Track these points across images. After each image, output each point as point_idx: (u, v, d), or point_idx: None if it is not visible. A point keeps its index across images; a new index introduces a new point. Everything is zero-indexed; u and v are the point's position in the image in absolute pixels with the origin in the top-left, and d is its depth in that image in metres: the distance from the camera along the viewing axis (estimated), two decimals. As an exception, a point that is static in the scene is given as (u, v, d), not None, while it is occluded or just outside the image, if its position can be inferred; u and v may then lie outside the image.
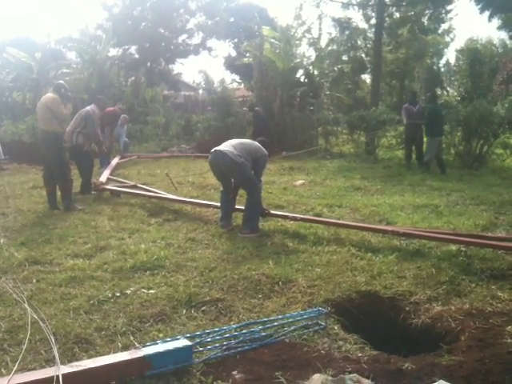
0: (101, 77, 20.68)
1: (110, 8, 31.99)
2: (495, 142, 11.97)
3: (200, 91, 34.92)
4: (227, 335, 3.14)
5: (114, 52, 28.07)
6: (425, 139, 11.58)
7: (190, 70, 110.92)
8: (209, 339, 3.07)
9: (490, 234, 5.44)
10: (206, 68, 66.83)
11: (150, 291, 3.95)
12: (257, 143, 6.17)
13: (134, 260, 4.67)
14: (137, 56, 32.82)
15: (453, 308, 3.63)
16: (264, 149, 6.07)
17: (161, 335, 3.21)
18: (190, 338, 2.99)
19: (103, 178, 8.91)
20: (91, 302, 3.74)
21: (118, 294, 3.89)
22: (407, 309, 3.77)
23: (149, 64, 31.61)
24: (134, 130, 17.86)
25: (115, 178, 9.50)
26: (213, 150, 5.97)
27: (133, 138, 16.94)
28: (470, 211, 6.78)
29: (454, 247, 4.99)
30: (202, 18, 35.27)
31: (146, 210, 7.13)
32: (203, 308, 3.66)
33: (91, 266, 4.58)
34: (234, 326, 3.32)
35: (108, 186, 8.40)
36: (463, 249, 4.90)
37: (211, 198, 7.75)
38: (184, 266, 4.56)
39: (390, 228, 5.52)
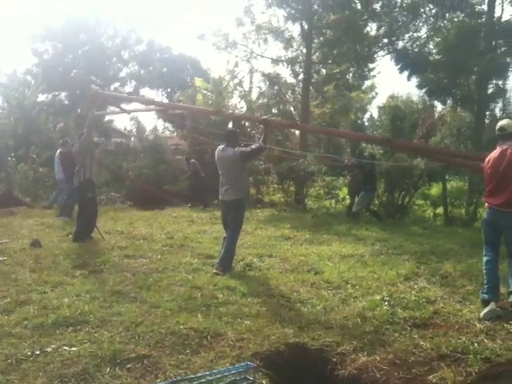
0: (28, 122, 20.11)
1: (40, 54, 31.53)
2: (416, 194, 12.64)
3: (132, 138, 34.65)
4: (153, 394, 3.05)
5: (42, 98, 27.51)
6: None
7: (122, 117, 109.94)
8: (133, 399, 2.96)
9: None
10: (138, 115, 66.24)
11: (72, 348, 3.77)
12: (229, 154, 6.71)
13: (56, 315, 4.46)
14: (67, 102, 32.27)
15: (378, 358, 3.72)
16: (236, 148, 6.72)
17: (82, 396, 3.07)
18: (113, 399, 2.88)
19: None
20: (9, 361, 3.53)
21: (38, 352, 3.70)
22: (334, 360, 3.82)
23: (79, 110, 31.12)
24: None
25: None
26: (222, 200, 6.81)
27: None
28: (392, 261, 7.05)
29: (378, 296, 5.15)
30: (134, 68, 35.47)
31: (71, 261, 6.86)
32: (128, 365, 3.54)
33: (10, 322, 4.33)
34: None
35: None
36: (387, 298, 5.08)
37: (140, 249, 7.64)
38: (109, 321, 4.40)
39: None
